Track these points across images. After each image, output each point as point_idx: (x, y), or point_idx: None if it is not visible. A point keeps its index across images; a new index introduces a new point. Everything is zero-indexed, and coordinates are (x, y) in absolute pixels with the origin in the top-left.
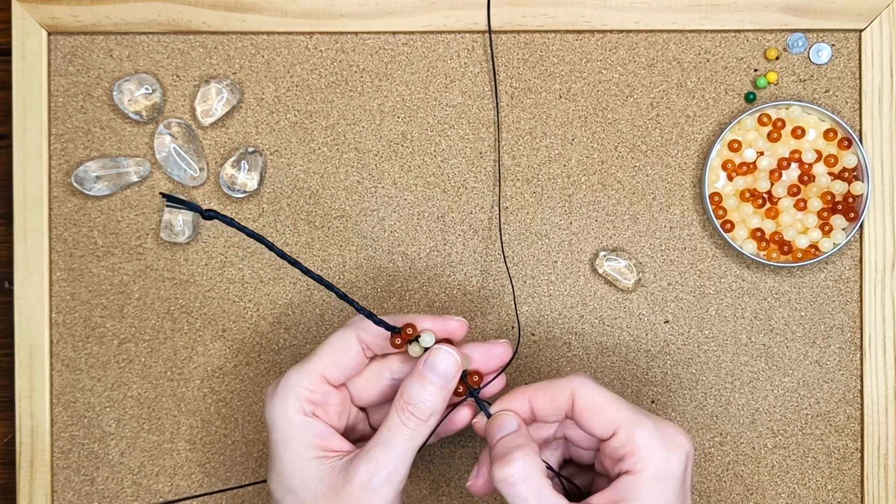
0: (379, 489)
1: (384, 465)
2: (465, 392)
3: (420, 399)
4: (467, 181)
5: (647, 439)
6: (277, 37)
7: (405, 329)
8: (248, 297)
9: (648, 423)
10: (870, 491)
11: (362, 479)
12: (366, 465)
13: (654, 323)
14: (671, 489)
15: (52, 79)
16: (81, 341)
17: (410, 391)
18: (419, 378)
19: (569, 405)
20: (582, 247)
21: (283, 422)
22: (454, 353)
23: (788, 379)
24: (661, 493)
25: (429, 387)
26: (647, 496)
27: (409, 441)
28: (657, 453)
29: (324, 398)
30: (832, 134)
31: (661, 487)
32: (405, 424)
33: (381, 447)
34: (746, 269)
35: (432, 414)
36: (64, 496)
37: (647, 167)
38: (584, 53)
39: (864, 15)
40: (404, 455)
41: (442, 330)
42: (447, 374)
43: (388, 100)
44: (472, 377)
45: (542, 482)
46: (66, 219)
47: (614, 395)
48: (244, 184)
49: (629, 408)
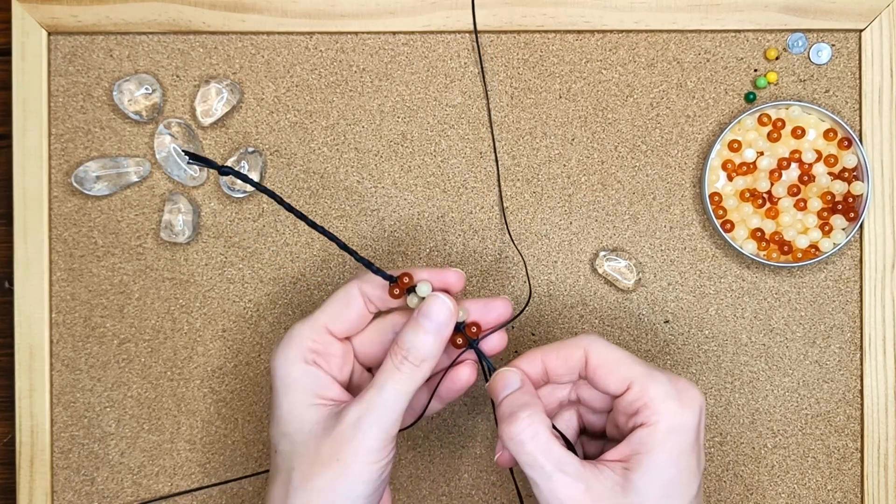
0: (368, 429)
1: (375, 407)
2: (465, 344)
3: (413, 344)
4: (467, 181)
5: (661, 392)
6: (277, 37)
7: (401, 278)
8: (248, 297)
9: (662, 377)
10: (870, 491)
11: (352, 418)
12: (356, 406)
13: (654, 323)
14: (685, 441)
15: (52, 79)
16: (81, 341)
17: (405, 336)
18: (413, 324)
19: (582, 363)
20: (582, 247)
21: (285, 370)
22: (447, 300)
23: (788, 379)
24: (675, 445)
25: (421, 332)
26: (661, 448)
27: (401, 385)
28: (671, 406)
29: (326, 348)
30: (832, 134)
31: (676, 439)
32: (398, 368)
33: (374, 390)
34: (746, 269)
35: (425, 359)
36: (64, 496)
37: (647, 167)
38: (584, 53)
39: (864, 15)
40: (397, 399)
41: (439, 281)
42: (440, 320)
43: (388, 100)
44: (470, 328)
45: (549, 439)
46: (66, 219)
47: (626, 352)
48: (244, 184)
49: (642, 363)
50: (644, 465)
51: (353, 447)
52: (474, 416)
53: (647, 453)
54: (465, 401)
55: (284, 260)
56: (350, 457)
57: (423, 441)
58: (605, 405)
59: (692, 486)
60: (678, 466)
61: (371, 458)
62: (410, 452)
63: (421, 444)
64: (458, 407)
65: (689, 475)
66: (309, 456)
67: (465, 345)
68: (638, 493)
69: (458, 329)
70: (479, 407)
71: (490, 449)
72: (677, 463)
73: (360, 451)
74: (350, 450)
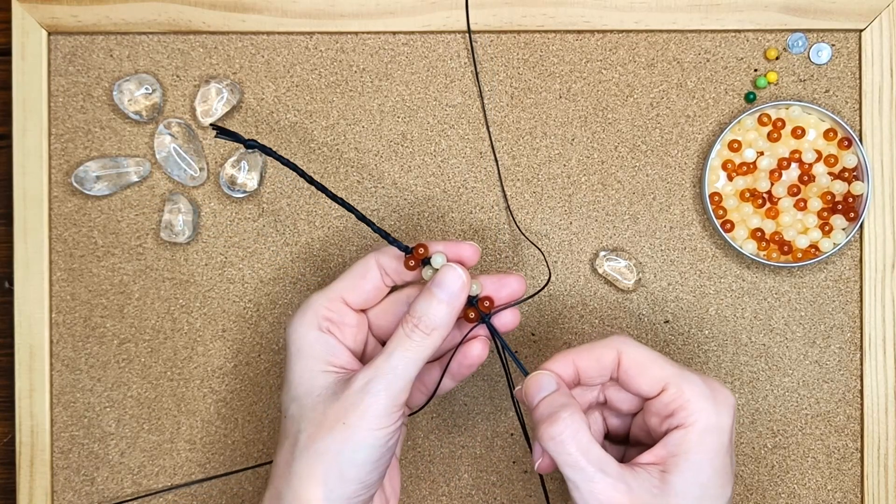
0: (377, 394)
1: (384, 372)
2: (477, 318)
3: (425, 312)
4: (467, 181)
5: (697, 393)
6: (277, 37)
7: (416, 249)
8: (248, 297)
9: (696, 378)
10: (870, 491)
11: (360, 383)
12: (365, 372)
13: (654, 323)
14: (721, 442)
15: (52, 79)
16: (81, 341)
17: (417, 305)
18: (426, 293)
19: (614, 364)
20: (582, 247)
21: (299, 336)
22: (460, 270)
23: (788, 379)
24: (712, 446)
25: (434, 301)
26: (698, 449)
27: (411, 352)
28: (707, 406)
29: (340, 317)
30: (832, 134)
31: (712, 440)
32: (408, 336)
33: (383, 356)
34: (746, 269)
35: (436, 328)
36: (64, 496)
37: (647, 167)
38: (584, 53)
39: (864, 15)
40: (406, 366)
41: (454, 254)
42: (452, 289)
43: (388, 100)
44: (483, 303)
45: (589, 439)
46: (66, 219)
47: (658, 353)
48: (244, 184)
49: (674, 364)
50: (681, 466)
51: (360, 411)
52: (474, 416)
53: (685, 454)
54: (465, 401)
55: (284, 260)
56: (356, 421)
57: (423, 441)
58: (632, 407)
59: (727, 487)
60: (714, 467)
61: (377, 424)
62: (410, 452)
63: (421, 444)
64: (459, 407)
65: (724, 476)
66: (316, 419)
67: (477, 319)
68: (676, 494)
69: (470, 303)
70: (480, 407)
71: (490, 449)
72: (713, 463)
73: (366, 415)
74: (356, 414)
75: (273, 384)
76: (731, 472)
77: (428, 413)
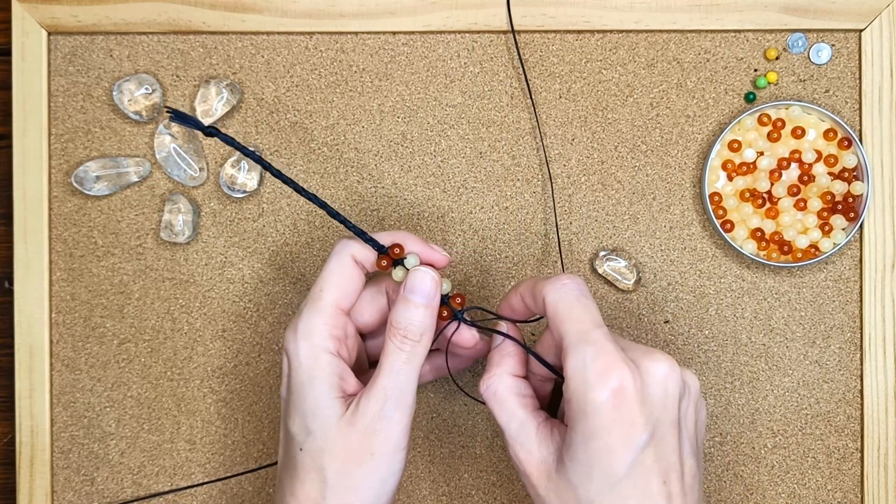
0: (392, 415)
1: (391, 392)
2: (451, 315)
3: (408, 320)
4: (467, 181)
5: (579, 363)
6: (277, 37)
7: (392, 249)
8: (248, 297)
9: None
10: (870, 491)
11: (375, 408)
12: (376, 395)
13: (654, 323)
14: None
15: (51, 79)
16: (81, 341)
17: (397, 316)
18: (403, 302)
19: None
20: (582, 247)
21: (311, 361)
22: (430, 271)
23: (788, 379)
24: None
25: (412, 308)
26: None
27: (408, 363)
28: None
29: (344, 332)
30: (832, 134)
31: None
32: (401, 348)
33: (384, 375)
34: (746, 269)
35: (423, 333)
36: (64, 496)
37: (647, 167)
38: (584, 53)
39: (864, 15)
40: (408, 378)
41: (426, 258)
42: (427, 292)
43: (388, 100)
44: (454, 300)
45: (511, 399)
46: (66, 219)
47: (585, 306)
48: (244, 184)
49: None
50: (566, 442)
51: (384, 439)
52: (474, 416)
53: (570, 430)
54: (465, 401)
55: (284, 260)
56: (382, 448)
57: (423, 441)
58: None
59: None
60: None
61: (401, 445)
62: (410, 452)
63: (421, 444)
64: (459, 407)
65: (608, 455)
66: (340, 454)
67: (450, 317)
68: (567, 470)
69: (444, 301)
70: (480, 407)
71: (490, 449)
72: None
73: (390, 441)
74: (381, 442)
75: (273, 384)
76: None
77: (428, 413)
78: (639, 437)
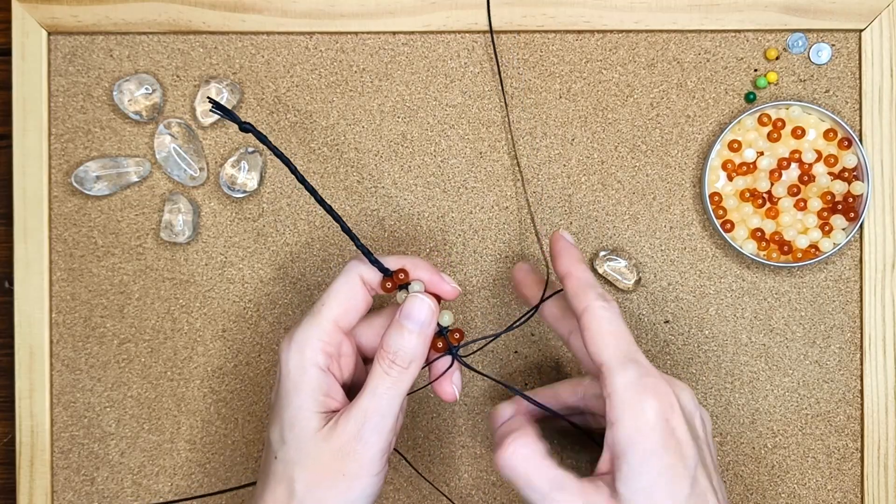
0: (369, 438)
1: (371, 415)
2: (445, 348)
3: (399, 346)
4: (467, 181)
5: (622, 384)
6: (277, 37)
7: (397, 274)
8: (249, 297)
9: (631, 367)
10: (870, 491)
11: (353, 429)
12: (355, 416)
13: (654, 323)
14: (654, 440)
15: (52, 79)
16: (81, 341)
17: (389, 340)
18: (397, 327)
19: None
20: (582, 247)
21: (299, 372)
22: (428, 300)
23: (788, 379)
24: (644, 446)
25: (406, 334)
26: (631, 451)
27: (393, 389)
28: (628, 399)
29: (337, 349)
30: (832, 134)
31: (643, 439)
32: (388, 373)
33: (367, 397)
34: (746, 269)
35: (412, 360)
36: (64, 496)
37: (647, 167)
38: (584, 53)
39: (864, 15)
40: (391, 403)
41: (433, 287)
42: (422, 320)
43: (388, 100)
44: (453, 335)
45: (542, 459)
46: (66, 219)
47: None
48: (244, 184)
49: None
50: (623, 471)
51: (357, 460)
52: (474, 416)
53: (621, 458)
54: (465, 401)
55: (284, 260)
56: (355, 470)
57: (423, 441)
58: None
59: (680, 486)
60: (656, 468)
61: (374, 469)
62: (410, 453)
63: (421, 444)
64: (459, 407)
65: (673, 475)
66: (311, 467)
67: (444, 349)
68: (625, 501)
69: (441, 333)
70: (479, 407)
71: (490, 449)
72: (652, 465)
73: (363, 462)
74: (355, 463)
75: (273, 384)
76: (683, 466)
77: (428, 413)
78: (692, 455)
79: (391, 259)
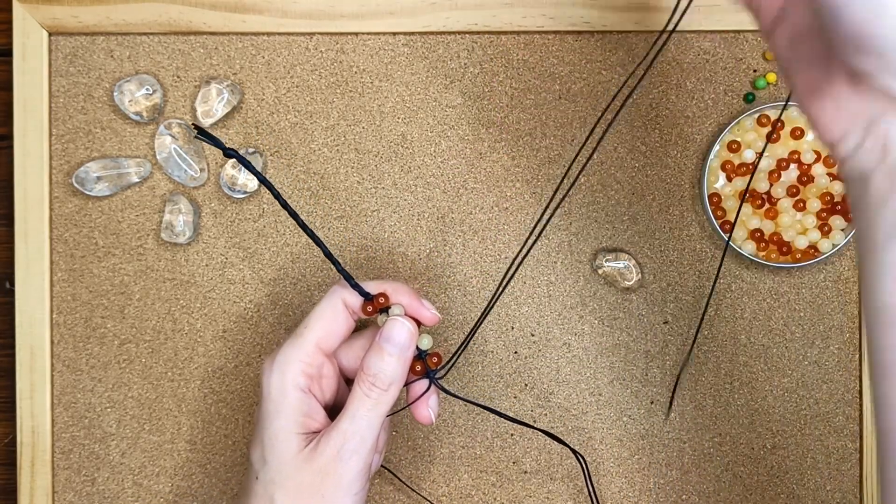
0: (348, 460)
1: (351, 436)
2: (423, 371)
3: (379, 369)
4: (467, 181)
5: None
6: (278, 37)
7: (377, 298)
8: (249, 297)
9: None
10: (868, 491)
11: (332, 450)
12: (335, 437)
13: (653, 323)
14: None
15: (52, 79)
16: (82, 342)
17: (369, 363)
18: (377, 350)
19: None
20: (582, 247)
21: (279, 393)
22: (407, 323)
23: (787, 379)
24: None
25: (386, 357)
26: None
27: (373, 410)
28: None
29: (318, 371)
30: None
31: None
32: (368, 395)
33: (347, 419)
34: (746, 269)
35: (392, 383)
36: (65, 496)
37: (647, 168)
38: (584, 54)
39: None
40: (370, 424)
41: (413, 312)
42: (401, 343)
43: (388, 100)
44: (431, 359)
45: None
46: (66, 219)
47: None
48: (244, 184)
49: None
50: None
51: (335, 481)
52: (474, 416)
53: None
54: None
55: (285, 261)
56: (333, 491)
57: (423, 441)
58: None
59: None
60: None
61: (352, 490)
62: (410, 453)
63: (421, 444)
64: (458, 407)
65: None
66: (290, 487)
67: (423, 372)
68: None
69: (420, 356)
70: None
71: (490, 449)
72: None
73: (342, 483)
74: (333, 483)
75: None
76: None
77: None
78: None
79: (372, 284)
